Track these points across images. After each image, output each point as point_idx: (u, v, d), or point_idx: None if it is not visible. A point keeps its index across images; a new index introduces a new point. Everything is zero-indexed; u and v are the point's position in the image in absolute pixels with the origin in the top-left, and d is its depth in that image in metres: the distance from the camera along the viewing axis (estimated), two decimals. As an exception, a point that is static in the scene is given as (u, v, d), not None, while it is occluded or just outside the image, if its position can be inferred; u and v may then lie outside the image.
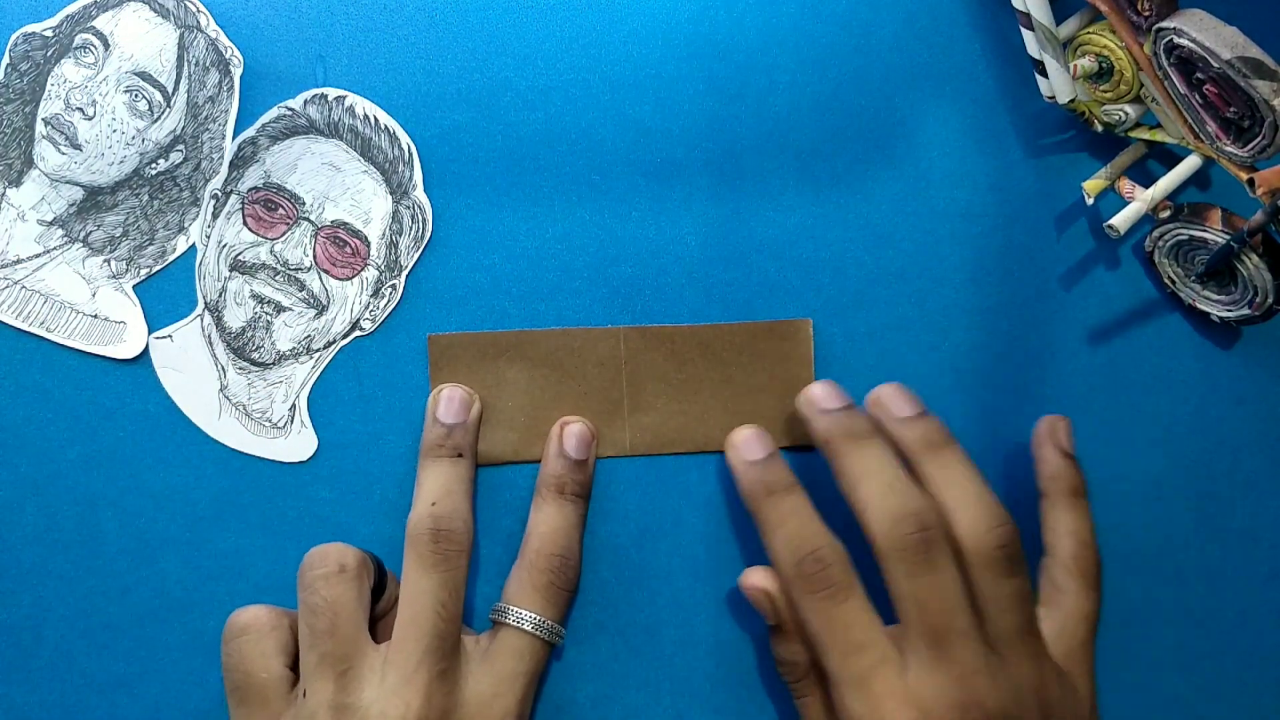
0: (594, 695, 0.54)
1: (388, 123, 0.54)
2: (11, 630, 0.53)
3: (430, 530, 0.48)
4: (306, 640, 0.47)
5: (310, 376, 0.54)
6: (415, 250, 0.54)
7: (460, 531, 0.49)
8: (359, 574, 0.48)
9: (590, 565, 0.54)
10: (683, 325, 0.54)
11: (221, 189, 0.54)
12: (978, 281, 0.56)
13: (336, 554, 0.48)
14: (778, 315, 0.55)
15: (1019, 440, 0.55)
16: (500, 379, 0.54)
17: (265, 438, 0.54)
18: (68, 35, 0.53)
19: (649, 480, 0.55)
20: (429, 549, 0.48)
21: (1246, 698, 0.55)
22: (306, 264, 0.54)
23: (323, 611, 0.47)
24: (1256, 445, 0.56)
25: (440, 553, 0.48)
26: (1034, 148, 0.56)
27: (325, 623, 0.46)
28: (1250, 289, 0.52)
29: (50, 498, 0.53)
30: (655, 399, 0.54)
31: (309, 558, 0.48)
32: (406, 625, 0.47)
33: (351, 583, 0.47)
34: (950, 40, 0.56)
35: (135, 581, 0.53)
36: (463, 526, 0.49)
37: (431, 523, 0.48)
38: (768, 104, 0.56)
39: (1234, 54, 0.45)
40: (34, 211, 0.54)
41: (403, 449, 0.54)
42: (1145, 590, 0.55)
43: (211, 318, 0.54)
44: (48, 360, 0.54)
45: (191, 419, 0.53)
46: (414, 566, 0.48)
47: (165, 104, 0.54)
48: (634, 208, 0.55)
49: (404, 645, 0.47)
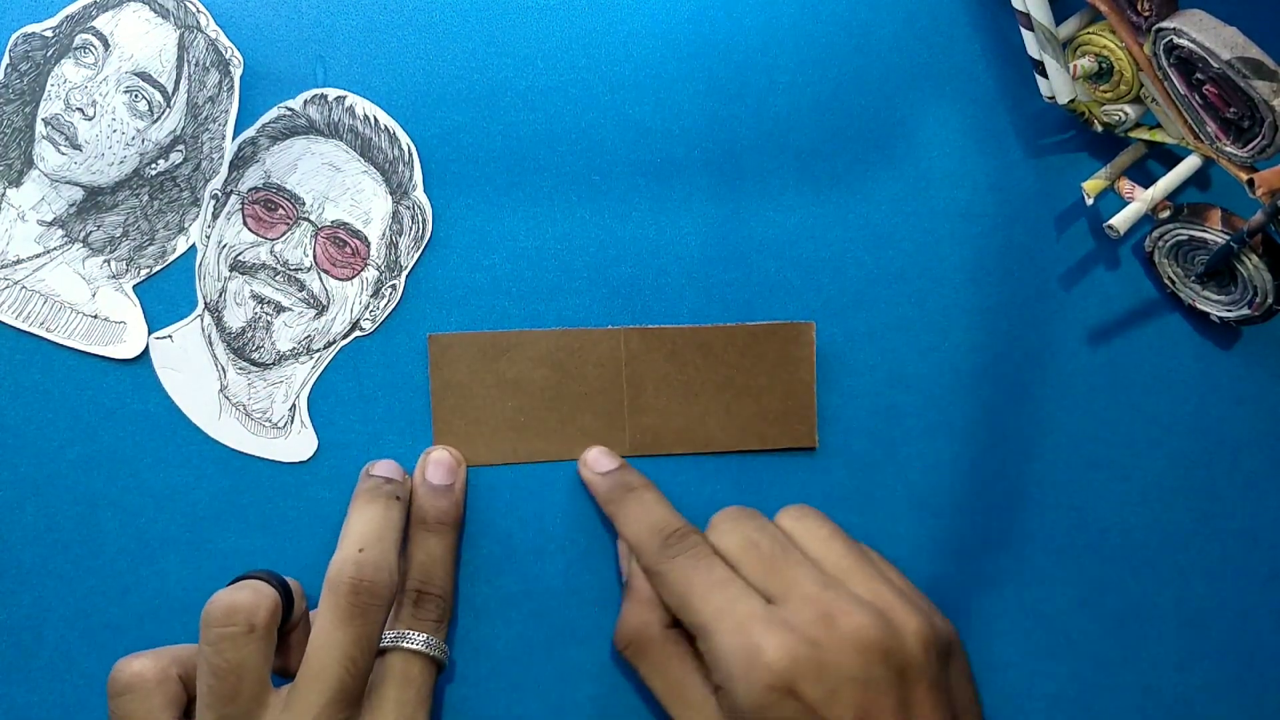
0: (593, 695, 0.54)
1: (387, 123, 0.54)
2: (12, 630, 0.53)
3: (352, 580, 0.46)
4: (205, 698, 0.44)
5: (310, 377, 0.54)
6: (415, 250, 0.54)
7: (383, 584, 0.47)
8: (269, 629, 0.45)
9: (589, 566, 0.54)
10: (684, 326, 0.54)
11: (221, 189, 0.54)
12: (977, 282, 0.56)
13: (247, 611, 0.45)
14: (777, 316, 0.55)
15: (1019, 440, 0.55)
16: (500, 379, 0.54)
17: (265, 438, 0.54)
18: (68, 35, 0.53)
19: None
20: (347, 600, 0.46)
21: (1246, 698, 0.55)
22: (306, 264, 0.54)
23: (226, 675, 0.44)
24: (1256, 445, 0.56)
25: (359, 605, 0.46)
26: (1034, 148, 0.56)
27: (228, 687, 0.44)
28: (1250, 289, 0.52)
29: (50, 498, 0.53)
30: (656, 399, 0.54)
31: (215, 608, 0.45)
32: (311, 678, 0.45)
33: (259, 642, 0.45)
34: (950, 40, 0.56)
35: (135, 582, 0.53)
36: (387, 579, 0.47)
37: (355, 571, 0.46)
38: (767, 104, 0.56)
39: (1234, 54, 0.45)
40: (34, 212, 0.54)
41: (402, 449, 0.54)
42: (1145, 590, 0.55)
43: (211, 318, 0.54)
44: (48, 361, 0.54)
45: (191, 419, 0.53)
46: (329, 616, 0.46)
47: (165, 104, 0.54)
48: (634, 208, 0.55)
49: (305, 698, 0.44)
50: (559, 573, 0.54)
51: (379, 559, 0.47)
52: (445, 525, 0.52)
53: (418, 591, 0.50)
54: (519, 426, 0.54)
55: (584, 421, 0.54)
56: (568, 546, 0.54)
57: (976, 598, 0.55)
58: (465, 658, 0.53)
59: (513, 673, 0.54)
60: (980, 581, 0.55)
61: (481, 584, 0.54)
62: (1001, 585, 0.55)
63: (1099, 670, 0.52)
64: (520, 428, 0.54)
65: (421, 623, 0.50)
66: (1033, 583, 0.55)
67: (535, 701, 0.53)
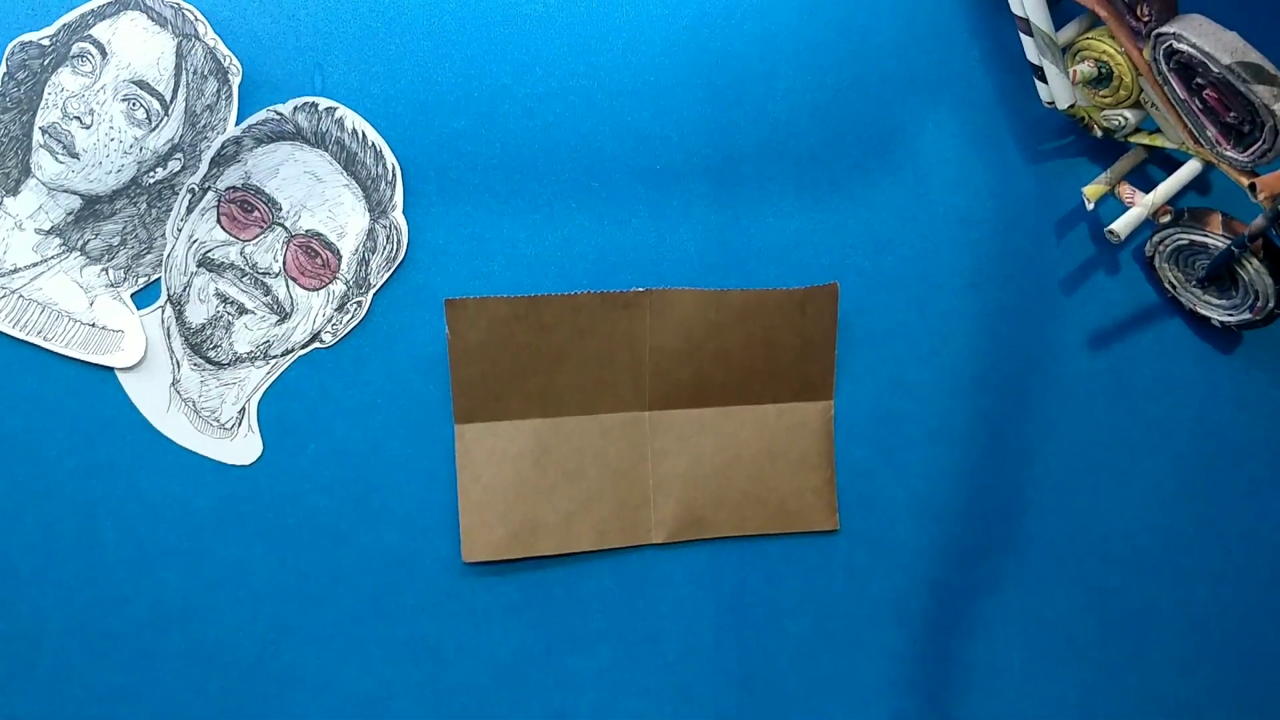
0: (595, 702, 0.54)
1: (375, 139, 0.54)
2: (11, 640, 0.53)
3: None
4: None
5: (264, 382, 0.54)
6: (386, 270, 0.54)
7: None
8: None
9: (592, 572, 0.54)
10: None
11: (199, 184, 0.54)
12: (977, 287, 0.56)
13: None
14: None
15: (1019, 445, 0.55)
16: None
17: (210, 437, 0.53)
18: (65, 44, 0.53)
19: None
20: None
21: (1247, 698, 0.55)
22: (275, 269, 0.54)
23: None
24: (1258, 450, 0.56)
25: None
26: (1033, 153, 0.56)
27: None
28: (1251, 293, 0.52)
29: (48, 507, 0.53)
30: (674, 369, 0.54)
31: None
32: None
33: None
34: (949, 46, 0.56)
35: (134, 591, 0.53)
36: None
37: None
38: (766, 110, 0.56)
39: (1234, 59, 0.45)
40: (31, 220, 0.53)
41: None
42: (1147, 592, 0.55)
43: (173, 310, 0.54)
44: (45, 369, 0.53)
45: (139, 409, 0.53)
46: None
47: (163, 112, 0.54)
48: (633, 214, 0.55)
49: None
50: (559, 580, 0.54)
51: None
52: None
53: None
54: (532, 393, 0.54)
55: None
56: (568, 555, 0.54)
57: (978, 602, 0.55)
58: (465, 663, 0.53)
59: (512, 680, 0.53)
60: (982, 586, 0.55)
61: (482, 592, 0.54)
62: (1003, 589, 0.55)
63: (1101, 674, 0.52)
64: (535, 394, 0.54)
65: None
66: (1035, 587, 0.55)
67: (536, 707, 0.53)
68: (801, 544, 0.55)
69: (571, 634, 0.54)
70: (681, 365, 0.54)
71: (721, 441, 0.55)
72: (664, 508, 0.55)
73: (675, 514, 0.55)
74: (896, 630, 0.55)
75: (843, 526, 0.55)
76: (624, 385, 0.54)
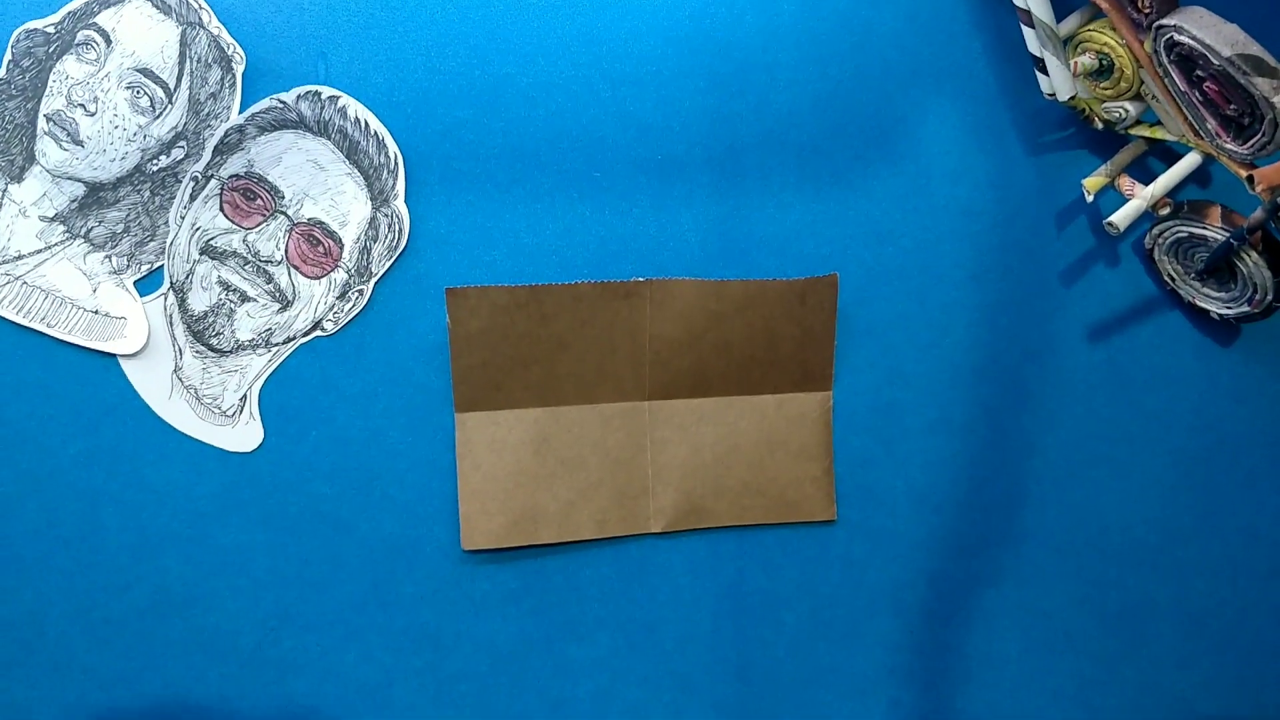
0: (593, 691, 0.54)
1: (378, 128, 0.54)
2: (13, 626, 0.53)
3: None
4: None
5: (265, 369, 0.54)
6: (388, 258, 0.54)
7: None
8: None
9: (591, 561, 0.54)
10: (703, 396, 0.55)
11: (202, 172, 0.54)
12: (977, 279, 0.56)
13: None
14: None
15: (1018, 437, 0.55)
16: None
17: (212, 424, 0.54)
18: (70, 31, 0.53)
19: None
20: None
21: (1244, 690, 0.55)
22: (277, 257, 0.54)
23: None
24: (1256, 442, 0.56)
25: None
26: (1034, 145, 0.56)
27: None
28: (1250, 286, 0.52)
29: (51, 493, 0.53)
30: (674, 359, 0.54)
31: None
32: None
33: None
34: (950, 37, 0.56)
35: (135, 578, 0.53)
36: None
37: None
38: (768, 101, 0.56)
39: (1234, 51, 0.45)
40: (36, 207, 0.54)
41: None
42: (1144, 584, 0.55)
43: (175, 298, 0.54)
44: (48, 356, 0.54)
45: (141, 396, 0.53)
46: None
47: (167, 100, 0.54)
48: (635, 204, 0.55)
49: None
50: (558, 569, 0.54)
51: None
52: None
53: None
54: (531, 383, 0.54)
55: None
56: (568, 544, 0.54)
57: (976, 594, 0.55)
58: (464, 650, 0.53)
59: (511, 667, 0.54)
60: (980, 578, 0.55)
61: (482, 580, 0.54)
62: (1001, 582, 0.55)
63: (1098, 666, 0.52)
64: (534, 383, 0.54)
65: None
66: (1032, 578, 0.55)
67: (535, 695, 0.53)
68: (800, 534, 0.55)
69: (570, 622, 0.54)
70: (682, 355, 0.54)
71: (721, 431, 0.55)
72: (663, 497, 0.55)
73: (674, 503, 0.55)
74: (894, 620, 0.55)
75: (841, 517, 0.55)
76: (624, 375, 0.54)
